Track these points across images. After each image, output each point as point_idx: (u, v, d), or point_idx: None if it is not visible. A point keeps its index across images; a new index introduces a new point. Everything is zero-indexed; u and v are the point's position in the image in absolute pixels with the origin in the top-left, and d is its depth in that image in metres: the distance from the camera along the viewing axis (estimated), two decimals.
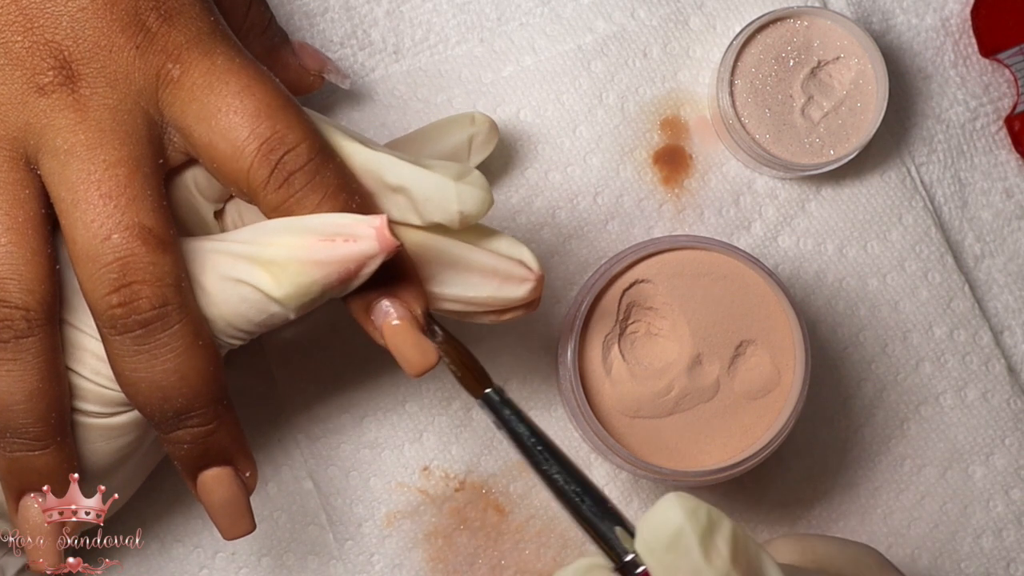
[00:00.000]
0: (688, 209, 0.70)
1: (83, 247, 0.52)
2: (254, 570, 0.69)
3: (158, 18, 0.53)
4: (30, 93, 0.52)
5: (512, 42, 0.70)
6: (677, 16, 0.71)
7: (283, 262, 0.52)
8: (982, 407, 0.70)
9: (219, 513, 0.57)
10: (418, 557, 0.68)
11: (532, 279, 0.56)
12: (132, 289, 0.52)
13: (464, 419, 0.69)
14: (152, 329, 0.52)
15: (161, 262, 0.52)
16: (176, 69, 0.53)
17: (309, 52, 0.66)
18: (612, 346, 0.63)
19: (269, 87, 0.54)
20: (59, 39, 0.52)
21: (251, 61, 0.55)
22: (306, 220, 0.53)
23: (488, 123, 0.66)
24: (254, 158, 0.53)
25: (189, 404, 0.54)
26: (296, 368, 0.69)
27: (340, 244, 0.52)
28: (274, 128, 0.53)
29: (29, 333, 0.53)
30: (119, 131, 0.53)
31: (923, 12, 0.72)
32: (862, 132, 0.68)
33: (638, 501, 0.69)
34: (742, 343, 0.63)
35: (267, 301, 0.53)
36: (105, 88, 0.53)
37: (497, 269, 0.56)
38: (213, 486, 0.57)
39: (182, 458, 0.56)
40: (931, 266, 0.70)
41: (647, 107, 0.70)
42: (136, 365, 0.53)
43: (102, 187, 0.52)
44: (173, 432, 0.55)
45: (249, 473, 0.57)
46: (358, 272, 0.53)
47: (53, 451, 0.55)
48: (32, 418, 0.54)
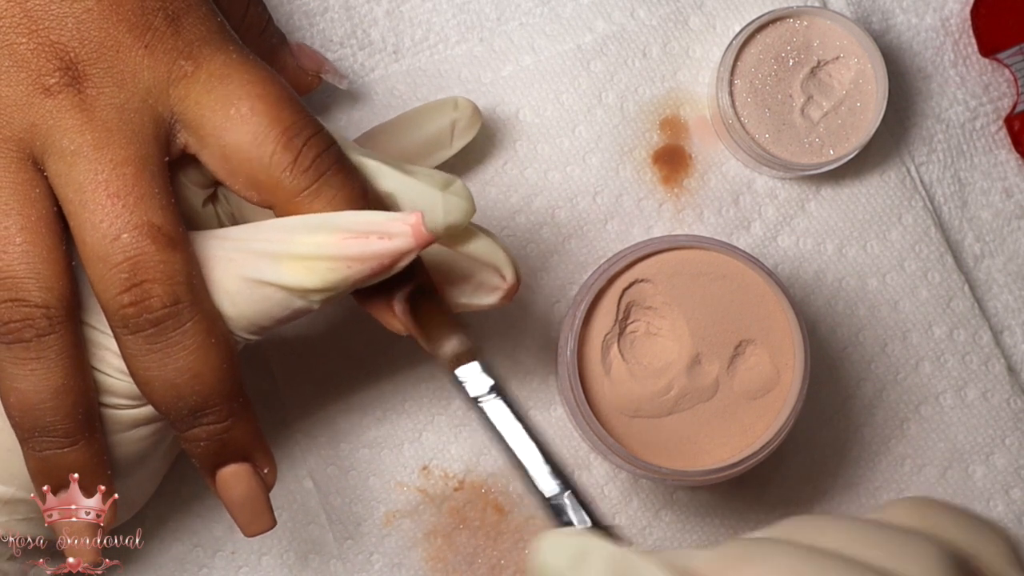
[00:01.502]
0: (688, 209, 0.70)
1: (93, 248, 0.52)
2: (254, 569, 0.69)
3: (165, 19, 0.53)
4: (36, 94, 0.52)
5: (512, 42, 0.70)
6: (677, 16, 0.71)
7: (313, 259, 0.53)
8: (982, 407, 0.70)
9: (238, 510, 0.57)
10: (417, 556, 0.68)
11: (504, 288, 0.57)
12: (143, 288, 0.52)
13: (463, 418, 0.69)
14: (164, 328, 0.53)
15: (171, 260, 0.52)
16: (189, 65, 0.53)
17: (307, 53, 0.66)
18: (611, 346, 0.63)
19: (280, 82, 0.55)
20: (64, 40, 0.52)
21: (259, 59, 0.55)
22: (334, 217, 0.53)
23: (471, 108, 0.67)
24: (278, 143, 0.53)
25: (204, 401, 0.54)
26: (296, 368, 0.69)
27: (375, 241, 0.52)
28: (294, 116, 0.54)
29: (51, 331, 0.53)
30: (125, 130, 0.53)
31: (923, 12, 0.72)
32: (862, 132, 0.68)
33: (637, 501, 0.69)
34: (741, 343, 0.63)
35: (291, 298, 0.53)
36: (112, 88, 0.53)
37: (472, 276, 0.57)
38: (231, 483, 0.57)
39: (199, 455, 0.56)
40: (931, 266, 0.70)
41: (647, 107, 0.70)
42: (149, 364, 0.53)
43: (110, 187, 0.52)
44: (189, 430, 0.55)
45: (268, 469, 0.58)
46: (391, 268, 0.53)
47: (83, 447, 0.55)
48: (60, 415, 0.54)
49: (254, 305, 0.54)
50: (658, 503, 0.69)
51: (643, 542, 0.69)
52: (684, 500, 0.69)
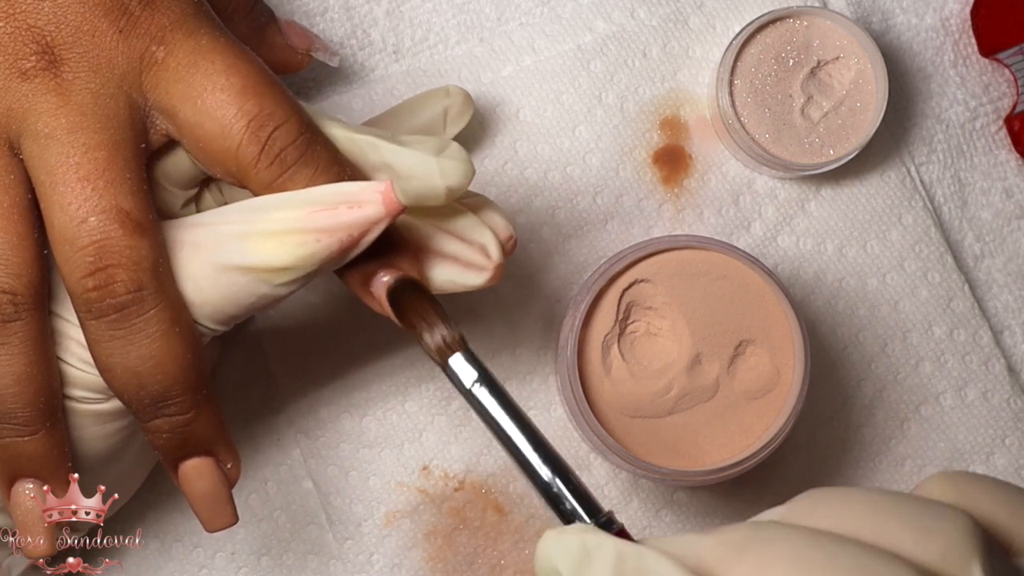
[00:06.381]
0: (688, 209, 0.70)
1: (60, 230, 0.52)
2: (254, 570, 0.69)
3: (140, 2, 0.53)
4: (13, 78, 0.53)
5: (512, 42, 0.70)
6: (677, 16, 0.71)
7: (281, 234, 0.52)
8: (982, 407, 0.70)
9: (200, 504, 0.57)
10: (417, 556, 0.68)
11: (490, 268, 0.56)
12: (108, 272, 0.52)
13: (464, 419, 0.69)
14: (127, 314, 0.52)
15: (138, 246, 0.52)
16: (160, 51, 0.53)
17: (296, 31, 0.66)
18: (611, 346, 0.63)
19: (254, 66, 0.54)
20: (41, 24, 0.52)
21: (235, 41, 0.54)
22: (303, 193, 0.53)
23: (462, 95, 0.67)
24: (243, 135, 0.53)
25: (165, 391, 0.54)
26: (296, 368, 0.69)
27: (344, 211, 0.52)
28: (261, 105, 0.53)
29: (16, 317, 0.53)
30: (100, 115, 0.53)
31: (923, 12, 0.72)
32: (862, 132, 0.68)
33: (637, 501, 0.69)
34: (741, 343, 0.63)
35: (258, 281, 0.53)
36: (88, 72, 0.53)
37: (459, 256, 0.56)
38: (193, 477, 0.56)
39: (162, 447, 0.56)
40: (931, 266, 0.70)
41: (647, 107, 0.70)
42: (112, 350, 0.53)
43: (80, 170, 0.52)
44: (151, 420, 0.55)
45: (231, 464, 0.57)
46: (360, 239, 0.52)
47: (43, 436, 0.55)
48: (21, 403, 0.54)
49: (219, 291, 0.53)
50: (658, 503, 0.69)
51: None
52: (684, 500, 0.69)
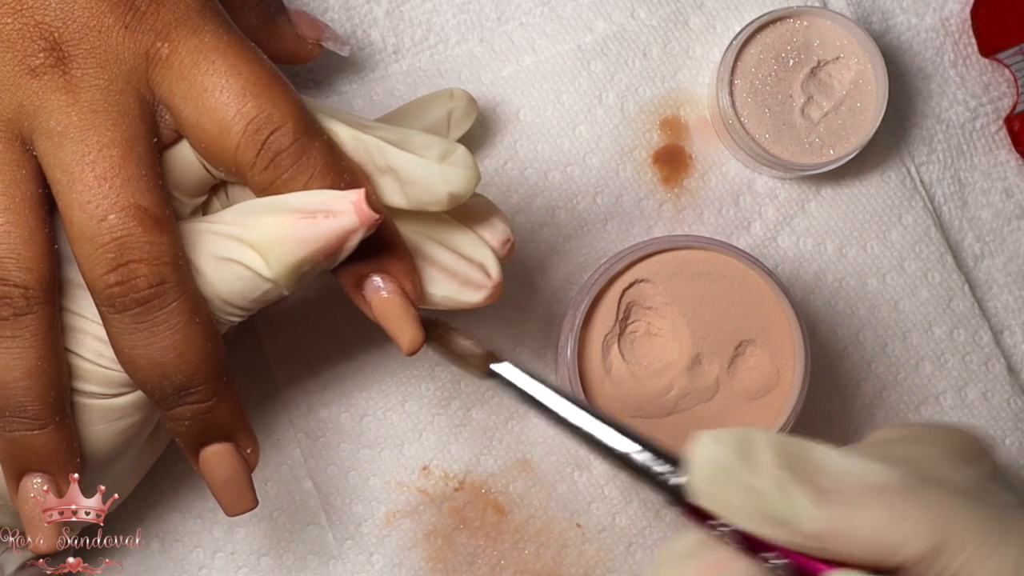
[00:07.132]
0: (688, 209, 0.70)
1: (80, 228, 0.53)
2: (253, 570, 0.69)
3: None
4: (22, 75, 0.53)
5: (512, 42, 0.70)
6: (677, 16, 0.71)
7: (269, 243, 0.53)
8: (982, 407, 0.70)
9: (221, 489, 0.57)
10: (417, 557, 0.68)
11: (489, 287, 0.57)
12: (129, 268, 0.52)
13: (464, 419, 0.69)
14: (150, 307, 0.53)
15: (157, 241, 0.53)
16: (165, 48, 0.53)
17: (306, 20, 0.66)
18: (612, 346, 0.63)
19: (257, 65, 0.54)
20: (49, 20, 0.53)
21: (240, 39, 0.55)
22: (288, 199, 0.53)
23: (466, 98, 0.67)
24: (240, 138, 0.53)
25: (188, 380, 0.54)
26: (296, 368, 0.69)
27: (321, 221, 0.52)
28: (260, 107, 0.53)
29: (28, 311, 0.53)
30: (111, 112, 0.53)
31: (923, 12, 0.72)
32: (862, 132, 0.68)
33: (638, 501, 0.69)
34: (742, 343, 0.63)
35: (259, 280, 0.54)
36: (96, 69, 0.53)
37: (457, 272, 0.56)
38: (214, 462, 0.57)
39: (183, 435, 0.56)
40: (931, 266, 0.70)
41: (647, 107, 0.70)
42: (135, 343, 0.53)
43: (96, 168, 0.52)
44: (174, 408, 0.55)
45: (250, 449, 0.58)
46: (341, 247, 0.53)
47: (52, 430, 0.55)
48: (31, 396, 0.54)
49: (226, 285, 0.54)
50: (658, 503, 0.69)
51: (643, 542, 0.69)
52: None
